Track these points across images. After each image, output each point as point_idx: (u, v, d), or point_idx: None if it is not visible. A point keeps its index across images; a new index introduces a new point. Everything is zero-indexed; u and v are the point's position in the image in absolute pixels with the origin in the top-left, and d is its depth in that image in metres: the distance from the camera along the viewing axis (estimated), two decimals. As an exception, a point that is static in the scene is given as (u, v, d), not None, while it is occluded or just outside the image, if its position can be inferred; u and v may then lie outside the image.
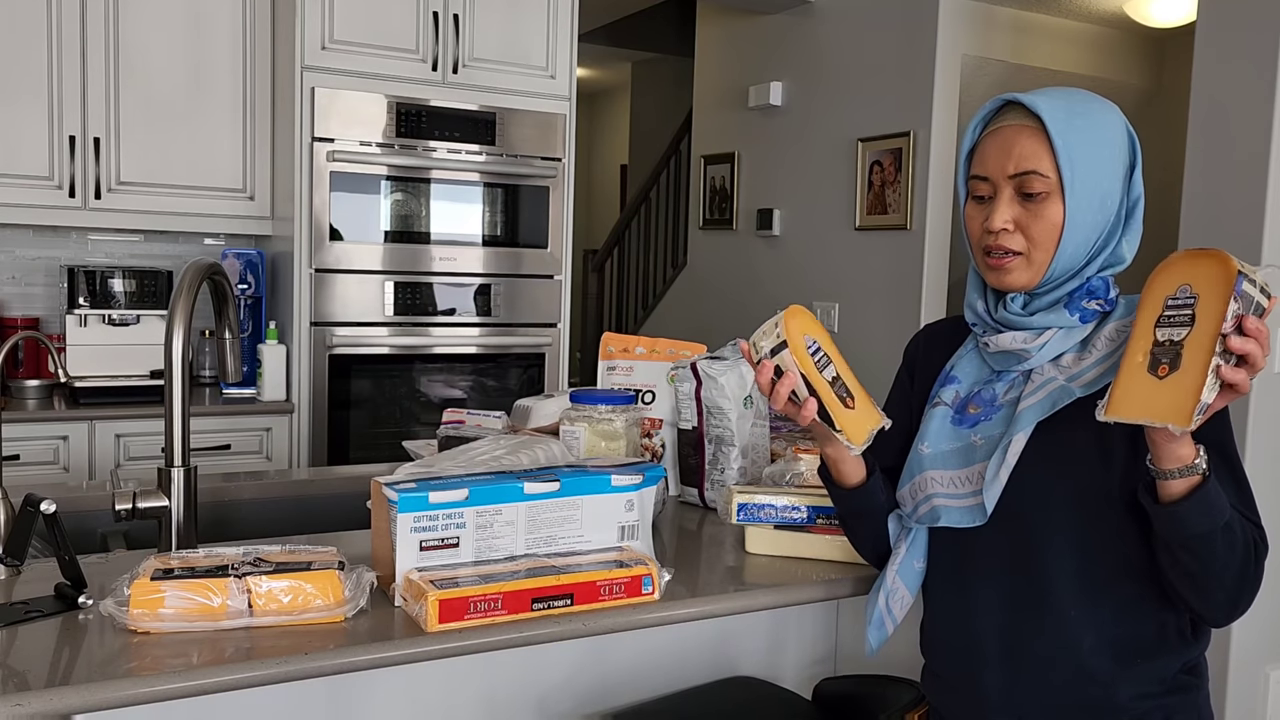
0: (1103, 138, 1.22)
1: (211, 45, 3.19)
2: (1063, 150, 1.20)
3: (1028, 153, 1.21)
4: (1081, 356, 1.24)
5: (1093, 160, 1.21)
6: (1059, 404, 1.20)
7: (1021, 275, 1.25)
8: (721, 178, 5.07)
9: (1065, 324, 1.24)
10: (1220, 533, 1.13)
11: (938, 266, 4.02)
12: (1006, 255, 1.24)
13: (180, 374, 1.39)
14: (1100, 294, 1.25)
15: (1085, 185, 1.20)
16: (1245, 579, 1.17)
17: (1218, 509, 1.12)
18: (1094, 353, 1.23)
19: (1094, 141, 1.21)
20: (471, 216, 3.32)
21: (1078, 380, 1.21)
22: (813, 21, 4.50)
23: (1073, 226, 1.21)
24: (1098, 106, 1.24)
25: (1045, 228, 1.22)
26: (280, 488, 1.94)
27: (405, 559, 1.21)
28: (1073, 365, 1.23)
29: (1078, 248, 1.23)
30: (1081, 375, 1.21)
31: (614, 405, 1.67)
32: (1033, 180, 1.21)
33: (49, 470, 2.84)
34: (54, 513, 1.21)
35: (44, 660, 1.06)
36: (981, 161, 1.26)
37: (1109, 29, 4.69)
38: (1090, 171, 1.20)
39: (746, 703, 1.60)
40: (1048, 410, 1.21)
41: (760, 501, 1.51)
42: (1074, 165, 1.20)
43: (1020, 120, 1.23)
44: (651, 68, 7.51)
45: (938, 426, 1.30)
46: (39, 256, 3.32)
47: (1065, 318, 1.24)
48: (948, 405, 1.31)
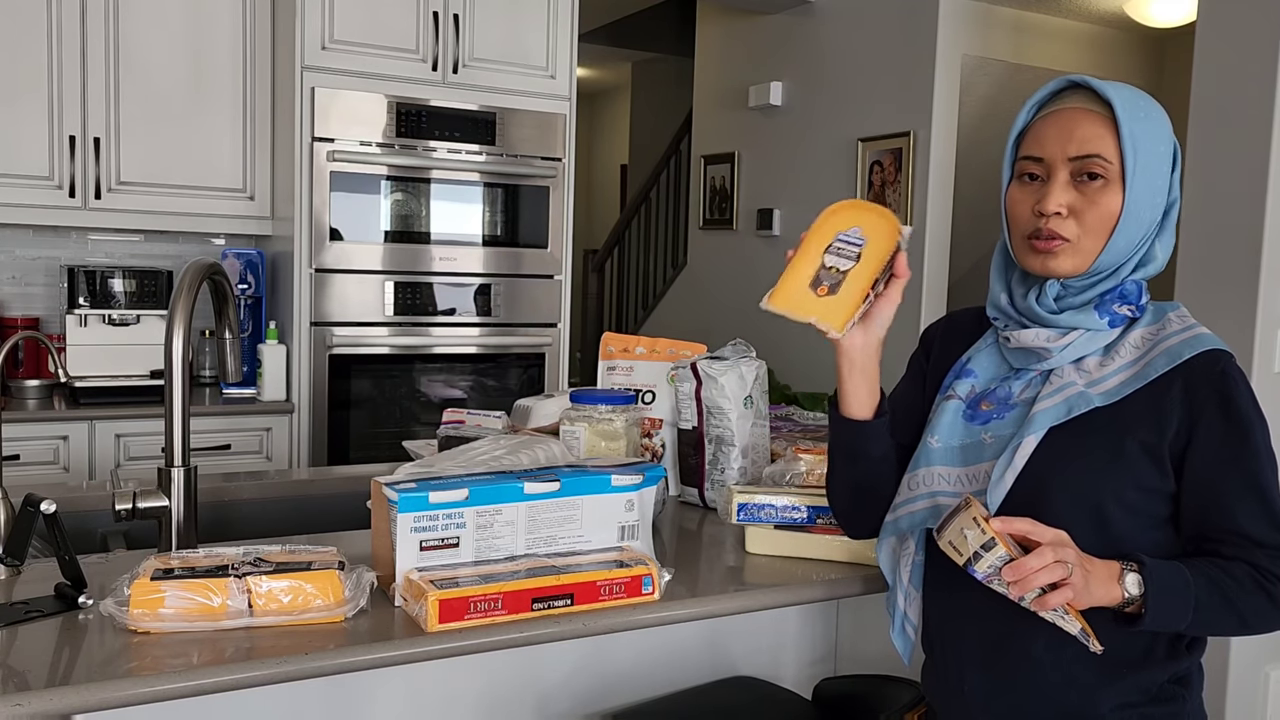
0: (1160, 134, 1.20)
1: (211, 45, 3.19)
2: (1128, 139, 1.17)
3: (1091, 136, 1.18)
4: (1104, 362, 1.21)
5: (1151, 155, 1.19)
6: (1075, 411, 1.18)
7: (1067, 261, 1.21)
8: (721, 178, 5.07)
9: (1093, 326, 1.21)
10: (1196, 614, 1.13)
11: (938, 266, 4.02)
12: (1055, 239, 1.20)
13: (180, 374, 1.39)
14: (1132, 298, 1.23)
15: (1145, 178, 1.18)
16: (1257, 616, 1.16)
17: (1174, 614, 1.12)
18: (1116, 360, 1.21)
19: (1153, 136, 1.19)
20: (472, 216, 3.32)
21: (1098, 387, 1.19)
22: (813, 21, 4.50)
23: (1129, 218, 1.19)
24: (1155, 104, 1.22)
25: (1101, 215, 1.19)
26: (280, 488, 1.93)
27: (405, 559, 1.21)
28: (1094, 371, 1.21)
29: (1129, 241, 1.20)
30: (1103, 382, 1.19)
31: (614, 405, 1.67)
32: (1094, 164, 1.18)
33: (49, 470, 2.84)
34: (54, 513, 1.21)
35: (44, 660, 1.06)
36: (1038, 142, 1.23)
37: (1109, 29, 4.69)
38: (1149, 166, 1.19)
39: (746, 703, 1.60)
40: (1063, 416, 1.19)
41: (760, 501, 1.51)
42: (1137, 156, 1.18)
43: (1084, 104, 1.20)
44: (651, 68, 7.51)
45: (949, 420, 1.28)
46: (39, 256, 3.32)
47: (1094, 319, 1.21)
48: (960, 399, 1.29)
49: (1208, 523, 1.18)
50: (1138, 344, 1.21)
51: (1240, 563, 1.16)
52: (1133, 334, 1.22)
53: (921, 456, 1.29)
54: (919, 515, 1.26)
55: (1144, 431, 1.17)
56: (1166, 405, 1.17)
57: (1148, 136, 1.19)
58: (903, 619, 1.34)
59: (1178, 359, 1.17)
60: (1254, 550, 1.16)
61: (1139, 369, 1.19)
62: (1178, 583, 1.13)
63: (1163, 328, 1.22)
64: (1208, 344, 1.18)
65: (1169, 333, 1.21)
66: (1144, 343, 1.21)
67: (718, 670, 1.70)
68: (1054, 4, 4.38)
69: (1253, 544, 1.16)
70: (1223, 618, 1.15)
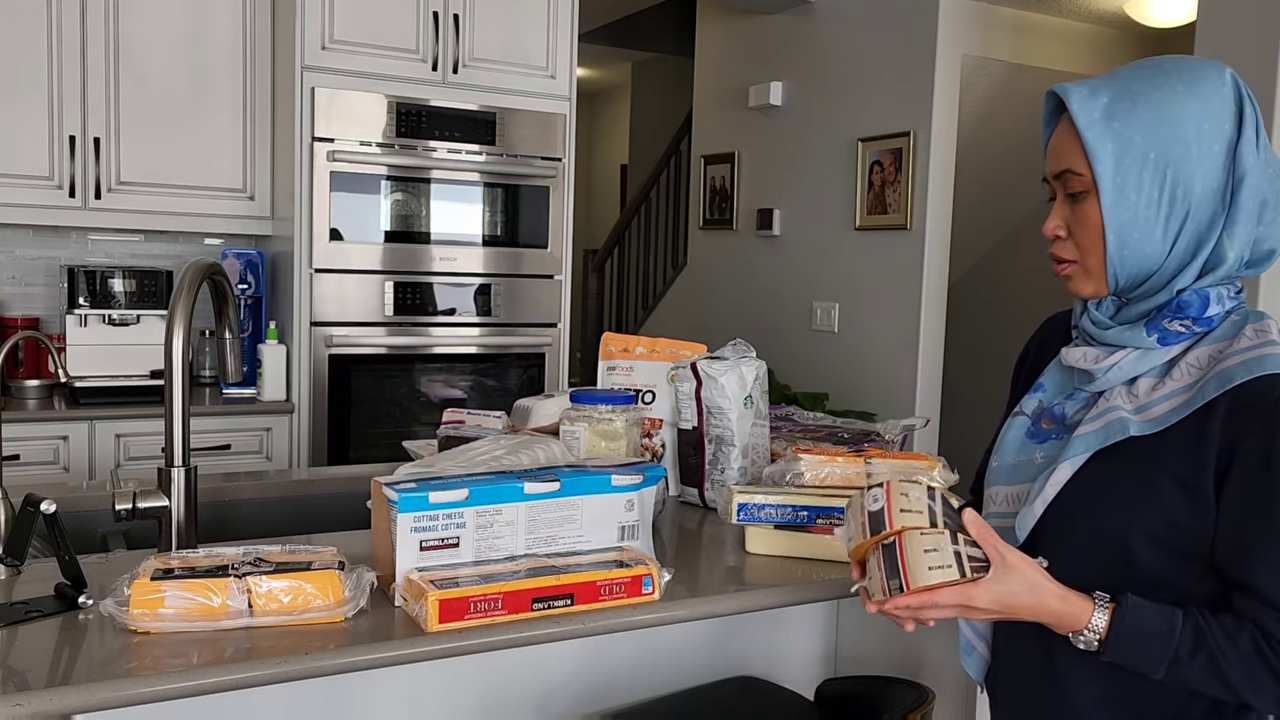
0: (1162, 117, 1.06)
1: (212, 45, 3.19)
2: (1090, 141, 1.07)
3: (1062, 149, 1.10)
4: (1158, 385, 1.09)
5: (1144, 147, 1.06)
6: (1111, 439, 1.08)
7: (1084, 284, 1.13)
8: (721, 178, 5.07)
9: (1141, 345, 1.09)
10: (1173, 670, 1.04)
11: (938, 266, 4.02)
12: (1062, 264, 1.14)
13: (180, 374, 1.39)
14: (1191, 312, 1.08)
15: (1134, 178, 1.06)
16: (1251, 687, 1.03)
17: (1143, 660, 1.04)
18: (1170, 383, 1.08)
19: (1147, 124, 1.06)
20: (471, 216, 3.32)
21: (1145, 414, 1.07)
22: (813, 21, 4.50)
23: (1117, 228, 1.08)
24: (1174, 79, 1.07)
25: (1089, 231, 1.10)
26: (280, 488, 1.93)
27: (405, 559, 1.21)
28: (1144, 395, 1.09)
29: (1136, 250, 1.08)
30: (1151, 408, 1.07)
31: (614, 405, 1.67)
32: (1070, 180, 1.10)
33: (49, 470, 2.84)
34: (54, 513, 1.21)
35: (44, 660, 1.06)
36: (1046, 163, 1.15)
37: (1109, 29, 4.69)
38: (1141, 161, 1.06)
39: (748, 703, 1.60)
40: (1101, 442, 1.08)
41: (760, 501, 1.51)
42: (1111, 156, 1.07)
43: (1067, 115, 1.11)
44: (651, 68, 7.51)
45: (1013, 439, 1.20)
46: (39, 256, 3.32)
47: (1142, 338, 1.09)
48: (1027, 416, 1.20)
49: (1227, 572, 1.05)
50: (1198, 364, 1.07)
51: (1248, 625, 1.03)
52: (1195, 352, 1.08)
53: (989, 476, 1.23)
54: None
55: (1182, 464, 1.05)
56: (1208, 435, 1.04)
57: (1138, 127, 1.06)
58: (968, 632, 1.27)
59: (1229, 383, 1.03)
60: (1264, 612, 1.02)
61: (1191, 394, 1.06)
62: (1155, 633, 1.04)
63: (1231, 345, 1.06)
64: (1273, 367, 1.02)
65: (1233, 350, 1.05)
66: (1207, 361, 1.06)
67: (718, 670, 1.70)
68: (1054, 4, 4.38)
69: (1264, 604, 1.02)
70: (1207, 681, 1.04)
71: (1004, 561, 1.05)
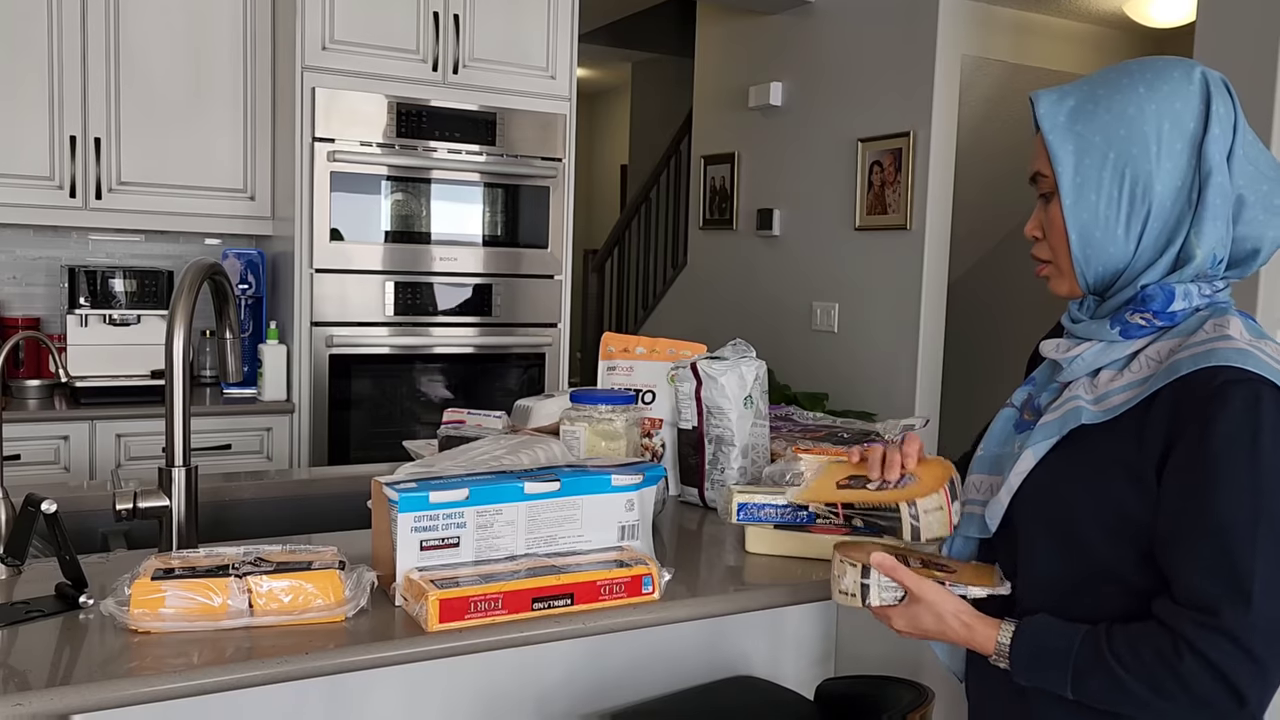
0: (1123, 117, 1.08)
1: (212, 45, 3.19)
2: (1052, 144, 1.11)
3: (1034, 154, 1.15)
4: (1117, 376, 1.10)
5: (1104, 148, 1.08)
6: (1067, 426, 1.10)
7: (1060, 284, 1.17)
8: (721, 178, 5.07)
9: (1104, 337, 1.12)
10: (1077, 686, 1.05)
11: (937, 267, 4.02)
12: (1041, 264, 1.18)
13: (181, 374, 1.39)
14: (1154, 306, 1.09)
15: (1094, 179, 1.09)
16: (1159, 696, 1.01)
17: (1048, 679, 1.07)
18: (1128, 374, 1.09)
19: (1108, 126, 1.08)
20: (472, 216, 3.33)
21: (1101, 404, 1.09)
22: (813, 21, 4.50)
23: (1076, 227, 1.11)
24: (1136, 81, 1.09)
25: (1055, 232, 1.14)
26: (281, 487, 1.94)
27: (406, 559, 1.21)
28: (1103, 385, 1.11)
29: (1099, 249, 1.11)
30: (1106, 398, 1.09)
31: (614, 405, 1.67)
32: (1040, 182, 1.14)
33: (50, 470, 2.84)
34: (55, 512, 1.21)
35: (45, 660, 1.06)
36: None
37: (1109, 29, 4.70)
38: (1101, 162, 1.08)
39: (748, 703, 1.60)
40: (1058, 431, 1.11)
41: (760, 501, 1.51)
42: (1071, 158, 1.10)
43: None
44: (651, 68, 7.51)
45: (999, 429, 1.23)
46: (40, 256, 3.32)
47: (1106, 330, 1.11)
48: (1015, 408, 1.23)
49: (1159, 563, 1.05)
50: (1158, 356, 1.08)
51: (1156, 631, 1.02)
52: (1157, 345, 1.09)
53: (973, 464, 1.25)
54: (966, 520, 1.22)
55: (1128, 454, 1.06)
56: (1152, 425, 1.05)
57: (1099, 129, 1.09)
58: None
59: (1175, 374, 1.04)
60: (1177, 612, 1.01)
61: (1143, 386, 1.07)
62: (1054, 649, 1.06)
63: (1189, 338, 1.07)
64: (1219, 360, 1.01)
65: (1188, 344, 1.06)
66: (1166, 355, 1.07)
67: (718, 670, 1.70)
68: (1054, 4, 4.38)
69: (1180, 603, 1.01)
70: (1115, 696, 1.04)
71: (911, 595, 1.15)
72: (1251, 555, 0.98)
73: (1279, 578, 0.98)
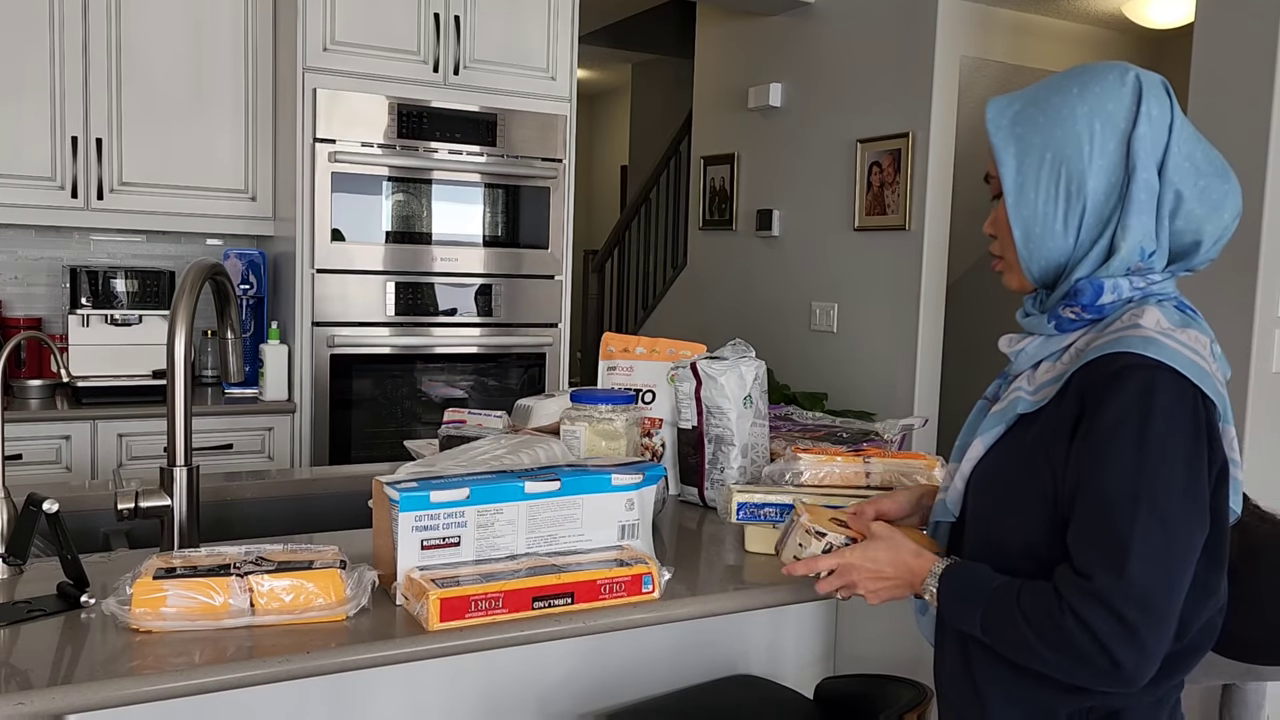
0: (1061, 118, 1.13)
1: (213, 46, 3.20)
2: (996, 147, 1.17)
3: (986, 156, 1.20)
4: (1050, 368, 1.16)
5: (1042, 149, 1.14)
6: (1007, 416, 1.17)
7: (1011, 279, 1.23)
8: (721, 178, 5.08)
9: (1041, 330, 1.19)
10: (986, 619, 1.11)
11: (937, 267, 4.02)
12: (995, 260, 1.24)
13: (182, 374, 1.40)
14: (1082, 299, 1.14)
15: (1029, 178, 1.14)
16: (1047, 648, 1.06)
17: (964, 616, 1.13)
18: (1058, 366, 1.15)
19: (1047, 126, 1.14)
20: (472, 217, 3.33)
21: (1037, 393, 1.15)
22: (812, 22, 4.50)
23: (1019, 224, 1.16)
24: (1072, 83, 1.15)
25: (1002, 229, 1.20)
26: (282, 487, 1.94)
27: (406, 558, 1.22)
28: (1040, 376, 1.17)
29: (1039, 245, 1.16)
30: (1041, 389, 1.15)
31: (614, 405, 1.68)
32: (991, 183, 1.20)
33: (51, 470, 2.85)
34: (56, 512, 1.21)
35: (46, 659, 1.06)
36: None
37: (1108, 30, 4.70)
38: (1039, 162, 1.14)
39: (748, 702, 1.60)
40: (1000, 420, 1.18)
41: (760, 501, 1.51)
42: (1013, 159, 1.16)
43: None
44: (651, 69, 7.52)
45: (971, 420, 1.29)
46: (41, 257, 3.33)
47: (1043, 324, 1.18)
48: (987, 400, 1.29)
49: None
50: (1080, 346, 1.14)
51: (1050, 589, 1.07)
52: (1086, 337, 1.14)
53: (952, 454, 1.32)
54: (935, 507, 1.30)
55: (1048, 439, 1.12)
56: (1061, 412, 1.11)
57: (1038, 130, 1.14)
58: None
59: (1083, 361, 1.10)
60: (1065, 577, 1.06)
61: (1066, 375, 1.13)
62: (976, 586, 1.13)
63: (1106, 329, 1.13)
64: (1123, 347, 1.07)
65: (1104, 334, 1.12)
66: (1085, 346, 1.13)
67: (718, 669, 1.71)
68: (1052, 5, 4.39)
69: (1073, 568, 1.06)
70: (1013, 642, 1.09)
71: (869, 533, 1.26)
72: (1130, 528, 1.03)
73: (1155, 551, 1.02)
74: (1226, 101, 2.70)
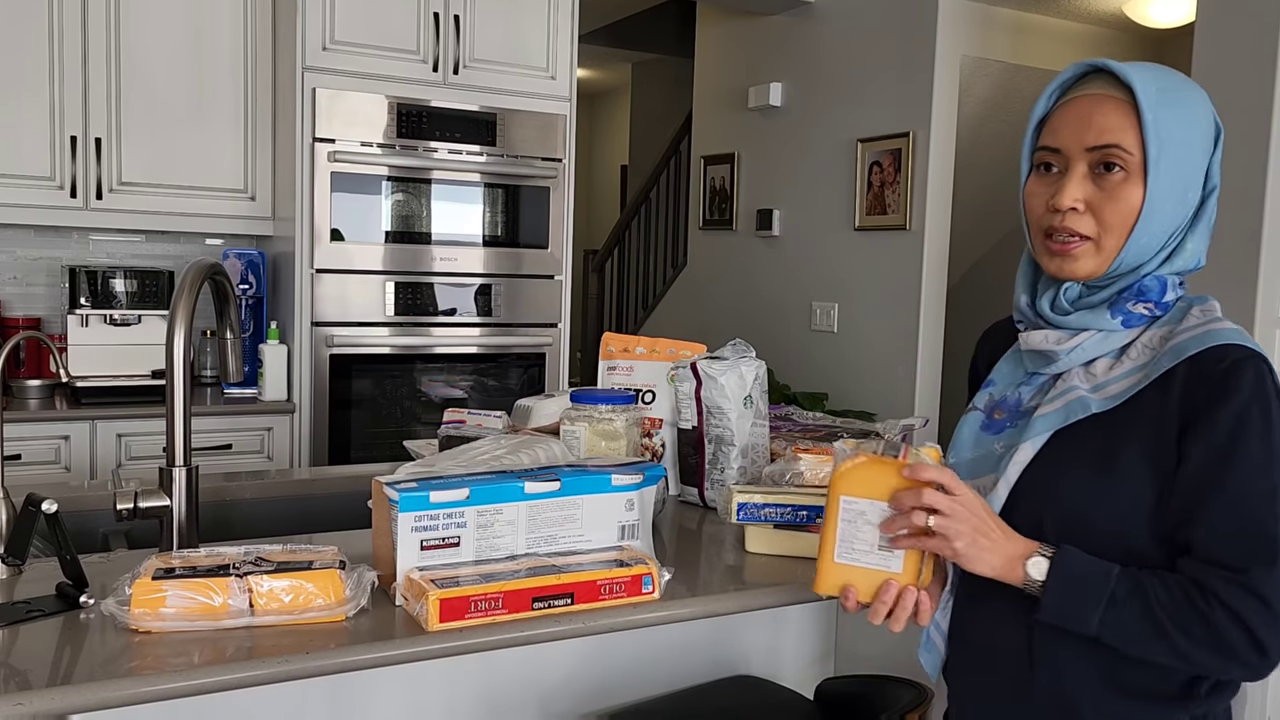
0: (1192, 119, 1.11)
1: (213, 46, 3.20)
2: (1151, 126, 1.08)
3: (1112, 125, 1.10)
4: (1114, 365, 1.13)
5: (1180, 144, 1.10)
6: (1072, 417, 1.11)
7: (1087, 263, 1.13)
8: (721, 178, 5.08)
9: (1104, 327, 1.13)
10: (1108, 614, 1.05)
11: (937, 267, 4.02)
12: (1073, 240, 1.13)
13: (182, 374, 1.40)
14: (1153, 295, 1.12)
15: (1171, 170, 1.10)
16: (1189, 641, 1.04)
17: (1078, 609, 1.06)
18: (1126, 362, 1.12)
19: (1183, 122, 1.10)
20: (472, 217, 3.33)
21: (1102, 392, 1.11)
22: (813, 22, 4.50)
23: (1150, 214, 1.10)
24: (1189, 86, 1.13)
25: (1121, 211, 1.10)
26: (281, 487, 1.94)
27: (406, 558, 1.21)
28: (1102, 374, 1.12)
29: (1152, 238, 1.11)
30: (1107, 386, 1.11)
31: (614, 405, 1.67)
32: (1114, 154, 1.10)
33: (50, 470, 2.84)
34: (55, 512, 1.21)
35: (45, 659, 1.06)
36: (1055, 131, 1.14)
37: (1108, 30, 4.70)
38: (1177, 156, 1.10)
39: (748, 702, 1.60)
40: (1059, 423, 1.12)
41: (760, 501, 1.51)
42: (1161, 145, 1.09)
43: (1106, 90, 1.12)
44: (651, 68, 7.52)
45: (967, 434, 1.22)
46: (40, 256, 3.33)
47: (1105, 320, 1.13)
48: (980, 410, 1.23)
49: (1177, 535, 1.08)
50: (1151, 344, 1.11)
51: (1186, 579, 1.05)
52: (1149, 333, 1.12)
53: None
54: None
55: (1143, 438, 1.09)
56: (1167, 407, 1.08)
57: (1177, 123, 1.10)
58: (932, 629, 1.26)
59: (1183, 355, 1.08)
60: (1208, 570, 1.04)
61: (1145, 371, 1.10)
62: (1093, 575, 1.06)
63: (1180, 324, 1.12)
64: (1221, 339, 1.07)
65: (1183, 328, 1.11)
66: (1159, 342, 1.11)
67: (718, 669, 1.70)
68: (1053, 5, 4.39)
69: (1208, 562, 1.05)
70: (1142, 630, 1.05)
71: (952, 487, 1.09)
72: (1274, 520, 1.04)
73: None
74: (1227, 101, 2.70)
